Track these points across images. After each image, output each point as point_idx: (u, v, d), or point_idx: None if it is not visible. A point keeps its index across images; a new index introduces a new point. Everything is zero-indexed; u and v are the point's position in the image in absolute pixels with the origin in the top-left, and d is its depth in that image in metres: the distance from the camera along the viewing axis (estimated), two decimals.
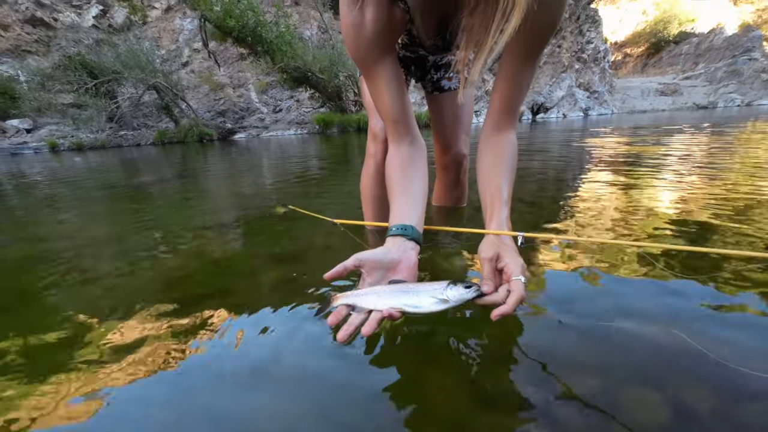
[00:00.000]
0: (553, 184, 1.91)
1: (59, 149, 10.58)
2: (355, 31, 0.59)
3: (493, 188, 0.63)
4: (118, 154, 8.03)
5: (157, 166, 4.78)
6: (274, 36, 11.32)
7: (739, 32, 22.32)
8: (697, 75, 21.53)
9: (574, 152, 3.35)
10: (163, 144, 11.16)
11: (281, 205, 1.53)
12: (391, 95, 0.63)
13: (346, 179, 2.41)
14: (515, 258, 0.55)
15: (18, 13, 13.75)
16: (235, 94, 15.80)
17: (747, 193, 1.45)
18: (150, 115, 13.63)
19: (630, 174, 2.02)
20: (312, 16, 17.72)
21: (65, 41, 14.28)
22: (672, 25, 26.38)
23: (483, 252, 0.58)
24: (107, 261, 1.12)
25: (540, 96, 16.19)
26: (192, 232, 1.32)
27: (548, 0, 0.52)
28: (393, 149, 0.68)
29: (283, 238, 1.20)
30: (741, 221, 1.10)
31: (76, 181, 3.21)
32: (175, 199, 2.12)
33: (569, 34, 16.88)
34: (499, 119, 0.65)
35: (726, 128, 4.91)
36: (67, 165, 5.52)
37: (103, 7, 15.92)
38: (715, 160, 2.30)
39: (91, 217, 1.76)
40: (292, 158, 4.53)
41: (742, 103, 18.21)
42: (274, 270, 0.93)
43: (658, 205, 1.36)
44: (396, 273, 0.56)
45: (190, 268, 0.99)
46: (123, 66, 11.04)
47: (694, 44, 24.01)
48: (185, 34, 16.75)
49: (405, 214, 0.61)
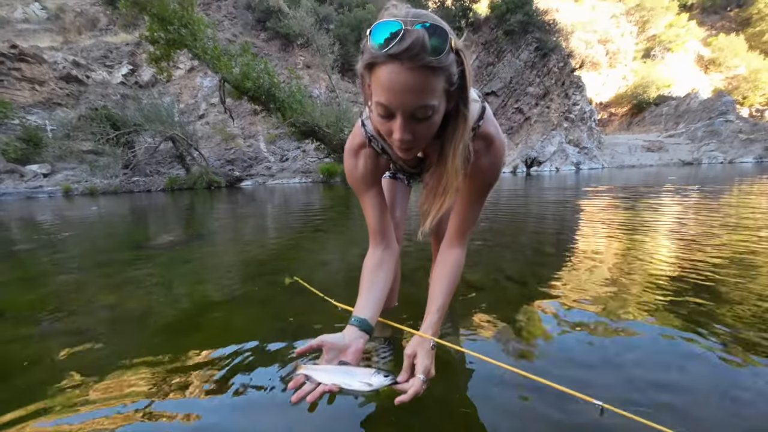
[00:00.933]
0: (540, 256, 2.07)
1: (73, 194, 10.97)
2: (351, 171, 0.85)
3: (433, 297, 0.81)
4: (129, 200, 8.36)
5: (165, 218, 4.99)
6: (286, 95, 12.38)
7: (713, 97, 24.29)
8: (679, 133, 22.96)
9: (567, 225, 3.56)
10: (173, 190, 11.60)
11: (288, 276, 1.63)
12: (374, 213, 0.86)
13: (344, 232, 2.58)
14: (424, 359, 0.70)
15: (55, 72, 15.16)
16: (245, 144, 16.77)
17: (732, 255, 1.61)
18: (163, 162, 14.35)
19: (624, 241, 2.19)
20: (321, 77, 19.49)
21: (94, 95, 15.53)
22: (650, 89, 28.77)
23: (407, 349, 0.74)
24: (125, 337, 1.24)
25: (533, 151, 17.14)
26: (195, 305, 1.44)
27: (486, 173, 0.76)
28: (370, 251, 0.89)
29: (286, 312, 1.33)
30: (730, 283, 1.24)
31: (87, 236, 3.38)
32: (179, 272, 2.26)
33: (556, 97, 18.38)
34: (452, 239, 0.87)
35: (718, 189, 5.22)
36: (78, 214, 5.74)
37: (132, 66, 17.59)
38: (712, 225, 2.49)
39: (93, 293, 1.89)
40: (295, 211, 4.76)
41: (725, 161, 19.18)
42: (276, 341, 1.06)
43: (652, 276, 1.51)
44: (346, 355, 0.72)
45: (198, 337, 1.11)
46: (145, 119, 11.90)
47: (673, 106, 25.94)
48: (204, 90, 18.29)
49: (364, 309, 0.79)
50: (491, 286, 1.49)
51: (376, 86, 0.55)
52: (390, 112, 0.57)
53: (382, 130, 0.62)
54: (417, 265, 1.74)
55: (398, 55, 0.51)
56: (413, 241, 2.15)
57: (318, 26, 18.05)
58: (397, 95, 0.54)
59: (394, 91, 0.53)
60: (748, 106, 29.54)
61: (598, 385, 0.82)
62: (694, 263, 1.67)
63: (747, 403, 0.75)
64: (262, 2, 19.95)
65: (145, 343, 1.12)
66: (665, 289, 1.37)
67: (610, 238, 2.32)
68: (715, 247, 1.96)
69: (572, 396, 0.60)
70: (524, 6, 17.47)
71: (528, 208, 4.14)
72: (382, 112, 0.58)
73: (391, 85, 0.53)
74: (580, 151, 18.12)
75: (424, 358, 0.70)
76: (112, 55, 17.63)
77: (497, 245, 2.26)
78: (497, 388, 0.82)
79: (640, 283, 1.45)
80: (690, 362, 0.90)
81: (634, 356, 0.93)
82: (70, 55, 16.16)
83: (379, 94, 0.55)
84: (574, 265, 1.77)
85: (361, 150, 0.82)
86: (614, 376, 0.85)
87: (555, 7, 25.16)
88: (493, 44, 18.61)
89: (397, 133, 0.57)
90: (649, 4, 37.03)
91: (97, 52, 17.43)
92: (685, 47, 34.65)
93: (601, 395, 0.58)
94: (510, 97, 18.15)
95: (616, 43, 32.84)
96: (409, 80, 0.52)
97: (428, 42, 0.51)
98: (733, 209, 3.38)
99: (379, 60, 0.53)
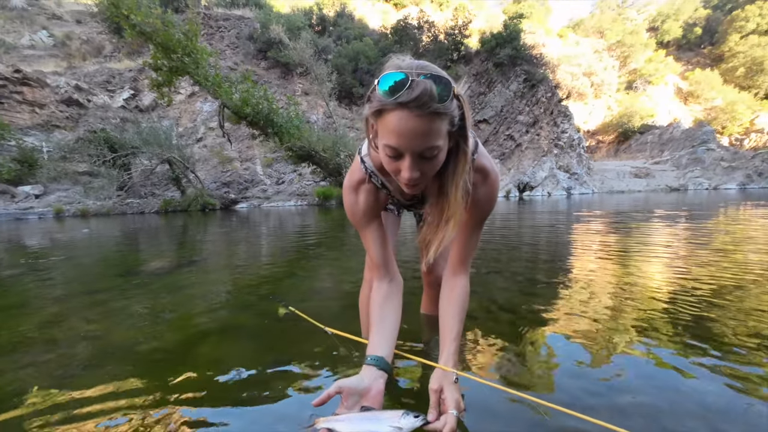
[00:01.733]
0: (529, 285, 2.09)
1: (64, 215, 10.84)
2: (352, 207, 0.86)
3: (446, 327, 0.82)
4: (121, 222, 8.27)
5: (158, 241, 4.94)
6: (284, 120, 12.69)
7: (694, 126, 25.45)
8: (664, 161, 23.78)
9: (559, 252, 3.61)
10: (167, 212, 11.53)
11: (282, 306, 1.60)
12: (376, 247, 0.87)
13: (339, 258, 2.58)
14: (452, 393, 0.70)
15: (56, 95, 15.43)
16: (241, 167, 16.93)
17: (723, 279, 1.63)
18: (158, 184, 14.35)
19: (617, 267, 2.23)
20: (319, 104, 20.11)
21: (93, 118, 15.74)
22: (634, 118, 30.11)
23: (431, 384, 0.73)
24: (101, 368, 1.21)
25: (525, 176, 17.53)
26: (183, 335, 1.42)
27: (483, 203, 0.81)
28: (376, 285, 0.89)
29: (280, 343, 1.31)
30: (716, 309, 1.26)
31: (77, 260, 3.32)
32: (169, 301, 2.23)
33: (546, 125, 19.10)
34: (455, 268, 0.89)
35: (706, 215, 5.36)
36: (69, 237, 5.65)
37: (134, 91, 18.00)
38: (703, 253, 2.54)
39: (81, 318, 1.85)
40: (290, 234, 4.75)
41: (710, 187, 19.78)
42: (277, 379, 1.04)
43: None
44: (367, 399, 0.70)
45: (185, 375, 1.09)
46: (143, 142, 12.03)
47: (657, 135, 27.05)
48: (203, 114, 18.68)
49: (379, 347, 0.78)
50: (483, 316, 1.49)
51: (385, 130, 0.60)
52: (398, 153, 0.62)
53: (389, 169, 0.65)
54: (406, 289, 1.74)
55: (407, 103, 0.56)
56: (402, 269, 2.16)
57: (317, 57, 18.85)
58: (406, 138, 0.58)
59: (403, 135, 0.58)
60: (728, 135, 30.94)
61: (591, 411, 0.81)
62: (686, 290, 1.70)
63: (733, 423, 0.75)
64: (263, 33, 20.90)
65: (128, 377, 1.08)
66: (656, 317, 1.39)
67: (602, 265, 2.36)
68: (705, 273, 2.00)
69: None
70: (512, 41, 18.53)
71: (521, 234, 4.20)
72: (391, 153, 0.62)
73: (400, 130, 0.58)
74: (570, 176, 18.59)
75: (453, 392, 0.70)
76: (114, 80, 18.07)
77: (491, 272, 2.27)
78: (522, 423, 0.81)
79: (631, 312, 1.47)
80: (682, 387, 0.90)
81: (624, 383, 0.93)
82: (73, 79, 16.53)
83: (389, 138, 0.60)
84: (567, 293, 1.78)
85: (361, 186, 0.85)
86: (606, 402, 0.85)
87: (541, 42, 26.75)
88: (484, 75, 19.51)
89: (406, 173, 0.62)
90: (629, 41, 39.56)
91: (100, 78, 17.86)
92: (665, 80, 36.71)
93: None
94: (501, 124, 18.81)
95: (599, 75, 34.66)
96: (417, 125, 0.57)
97: (435, 91, 0.56)
98: (722, 235, 3.47)
99: (388, 107, 0.58)
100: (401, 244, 3.16)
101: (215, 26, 22.22)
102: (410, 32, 21.20)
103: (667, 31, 44.03)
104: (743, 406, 0.85)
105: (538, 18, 33.54)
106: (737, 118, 31.22)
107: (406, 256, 2.72)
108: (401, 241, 3.26)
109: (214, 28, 22.05)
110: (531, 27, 27.36)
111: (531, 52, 19.66)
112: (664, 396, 0.89)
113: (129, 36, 10.69)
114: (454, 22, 20.73)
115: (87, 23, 20.68)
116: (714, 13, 44.94)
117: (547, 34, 34.44)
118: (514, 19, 19.51)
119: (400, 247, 3.09)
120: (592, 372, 1.03)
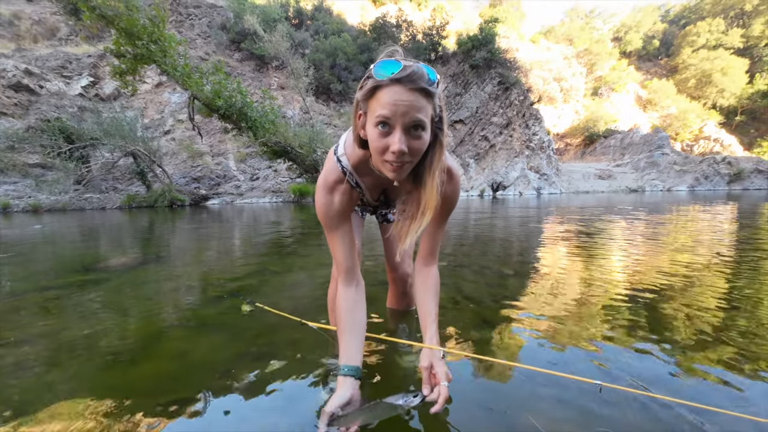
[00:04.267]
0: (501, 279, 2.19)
1: (11, 210, 9.97)
2: (326, 207, 0.88)
3: (425, 310, 0.90)
4: (79, 218, 7.72)
5: (120, 238, 4.69)
6: (258, 115, 12.32)
7: (651, 132, 27.36)
8: (625, 164, 25.40)
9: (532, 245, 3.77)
10: (131, 209, 10.90)
11: (247, 303, 1.54)
12: (344, 251, 0.89)
13: (312, 254, 2.57)
14: (441, 367, 0.78)
15: (2, 79, 14.09)
16: (213, 162, 16.27)
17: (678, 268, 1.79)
18: (121, 179, 13.51)
19: (582, 255, 2.37)
20: (295, 99, 19.68)
21: (47, 106, 14.53)
22: (599, 123, 31.95)
23: (421, 362, 0.82)
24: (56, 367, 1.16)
25: (498, 176, 18.13)
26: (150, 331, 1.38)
27: (449, 199, 0.88)
28: (342, 290, 0.91)
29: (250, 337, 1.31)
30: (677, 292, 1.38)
31: (28, 258, 3.09)
32: (132, 296, 2.14)
33: (518, 127, 19.83)
34: (426, 259, 0.97)
35: (660, 214, 5.80)
36: (18, 233, 5.24)
37: (93, 79, 16.78)
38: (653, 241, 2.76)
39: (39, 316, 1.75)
40: (263, 232, 4.66)
41: (664, 188, 21.40)
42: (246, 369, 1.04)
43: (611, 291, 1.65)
44: (350, 407, 0.74)
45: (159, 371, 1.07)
46: (104, 133, 11.28)
47: (618, 139, 28.83)
48: (171, 106, 17.74)
49: (353, 357, 0.82)
50: (450, 306, 1.56)
51: (378, 105, 0.66)
52: (389, 126, 0.66)
53: (378, 147, 0.69)
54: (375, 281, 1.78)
55: (401, 79, 0.64)
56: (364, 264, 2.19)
57: (293, 50, 18.44)
58: (398, 109, 0.65)
59: (396, 105, 0.64)
60: (680, 141, 33.56)
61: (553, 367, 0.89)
62: (644, 284, 1.85)
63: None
64: (236, 24, 20.14)
65: (89, 374, 1.04)
66: (615, 307, 1.51)
67: (567, 260, 2.51)
68: (662, 267, 2.19)
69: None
70: (488, 44, 19.05)
71: (493, 230, 4.36)
72: (382, 127, 0.67)
73: (394, 101, 0.64)
74: (540, 177, 19.44)
75: (441, 366, 0.78)
76: (71, 66, 16.75)
77: (459, 265, 2.36)
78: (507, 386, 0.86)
79: (594, 301, 1.59)
80: (644, 373, 1.00)
81: (585, 369, 1.02)
82: (23, 63, 15.15)
83: (382, 110, 0.65)
84: (533, 285, 1.89)
85: (337, 185, 0.87)
86: (562, 367, 0.93)
87: (515, 46, 27.65)
88: (460, 76, 19.94)
89: (396, 145, 0.66)
90: (595, 49, 41.82)
91: (54, 62, 16.49)
92: (627, 88, 39.18)
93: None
94: (476, 125, 19.32)
95: (569, 81, 36.41)
96: (409, 98, 0.64)
97: (426, 72, 0.65)
98: (674, 233, 3.79)
99: (383, 84, 0.65)
100: (369, 242, 3.19)
101: (185, 13, 21.13)
102: (389, 30, 21.23)
103: (629, 42, 47.00)
104: (665, 373, 0.96)
105: (512, 23, 34.67)
106: (688, 126, 33.95)
107: (370, 257, 2.76)
108: (369, 239, 3.30)
109: (183, 15, 20.97)
110: (505, 31, 28.24)
111: (505, 55, 20.31)
112: (611, 363, 0.99)
113: (87, 19, 9.95)
114: (432, 22, 21.00)
115: (39, 2, 18.97)
116: (670, 27, 48.49)
117: (521, 39, 35.70)
118: (490, 23, 20.07)
119: (368, 245, 3.13)
120: (551, 349, 1.11)
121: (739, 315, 1.40)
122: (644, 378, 0.96)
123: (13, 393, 0.95)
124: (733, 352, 1.10)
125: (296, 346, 1.17)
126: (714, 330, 1.26)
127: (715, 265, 2.21)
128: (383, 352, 1.13)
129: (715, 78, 37.40)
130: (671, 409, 0.82)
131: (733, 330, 1.26)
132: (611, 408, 0.83)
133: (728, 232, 3.88)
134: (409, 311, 1.43)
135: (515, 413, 0.82)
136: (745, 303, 1.53)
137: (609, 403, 0.85)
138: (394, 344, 1.14)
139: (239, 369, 1.04)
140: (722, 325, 1.30)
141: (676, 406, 0.82)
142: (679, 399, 0.81)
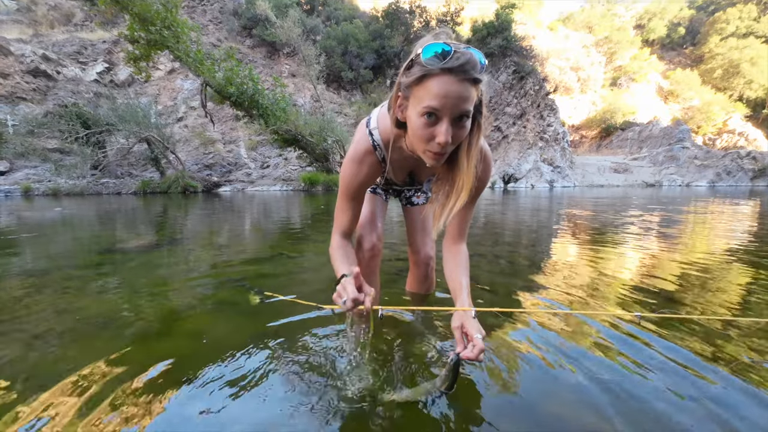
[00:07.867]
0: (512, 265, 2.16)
1: (33, 194, 10.29)
2: (352, 176, 0.91)
3: (456, 282, 0.92)
4: (96, 202, 7.92)
5: (136, 222, 4.79)
6: (269, 102, 12.30)
7: (672, 125, 26.38)
8: (642, 157, 24.63)
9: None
10: (145, 194, 11.12)
11: (255, 293, 1.52)
12: (350, 217, 0.94)
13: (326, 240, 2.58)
14: (473, 324, 0.79)
15: (22, 65, 14.36)
16: (225, 149, 16.40)
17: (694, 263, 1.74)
18: (136, 165, 13.76)
19: (599, 248, 2.32)
20: (306, 87, 19.56)
21: (64, 92, 14.80)
22: (617, 114, 30.87)
23: (453, 323, 0.83)
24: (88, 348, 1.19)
25: (510, 168, 17.82)
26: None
27: (481, 180, 0.86)
28: (337, 239, 0.96)
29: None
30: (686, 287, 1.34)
31: (50, 238, 3.17)
32: (149, 277, 2.18)
33: (532, 118, 19.34)
34: (455, 238, 0.98)
35: (678, 209, 5.62)
36: (40, 216, 5.40)
37: (108, 65, 16.97)
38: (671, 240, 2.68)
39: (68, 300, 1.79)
40: (275, 217, 4.69)
41: (683, 184, 20.72)
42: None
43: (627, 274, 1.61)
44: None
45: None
46: (119, 119, 11.44)
47: (637, 132, 27.90)
48: (184, 93, 17.86)
49: (347, 269, 0.84)
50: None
51: (428, 95, 0.64)
52: (437, 117, 0.65)
53: (422, 135, 0.68)
54: (393, 270, 1.77)
55: (452, 69, 0.62)
56: (389, 249, 2.18)
57: (305, 37, 18.23)
58: (448, 101, 0.63)
59: (446, 97, 0.63)
60: (702, 134, 32.27)
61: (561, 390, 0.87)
62: (656, 279, 1.80)
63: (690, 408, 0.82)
64: (248, 9, 19.96)
65: (109, 348, 1.06)
66: (628, 299, 1.47)
67: (579, 252, 2.46)
68: (675, 262, 2.12)
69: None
70: (504, 31, 18.47)
71: (504, 222, 4.30)
72: (429, 118, 0.65)
73: (444, 92, 0.62)
74: (553, 169, 19.03)
75: (473, 323, 0.79)
76: (86, 52, 16.96)
77: (472, 255, 2.33)
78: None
79: (606, 294, 1.55)
80: (651, 371, 0.97)
81: (592, 363, 1.00)
82: (40, 48, 15.40)
83: (431, 100, 0.64)
84: (546, 275, 1.86)
85: (366, 157, 0.89)
86: (576, 378, 0.91)
87: (532, 34, 26.76)
88: None
89: (442, 137, 0.65)
90: (616, 37, 40.14)
91: (71, 48, 16.72)
92: (647, 78, 37.63)
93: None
94: (490, 115, 18.91)
95: (586, 70, 35.16)
96: (460, 90, 0.63)
97: (478, 60, 0.63)
98: (691, 229, 3.66)
99: (433, 72, 0.63)
100: (388, 231, 3.18)
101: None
102: (402, 17, 20.77)
103: (653, 30, 44.89)
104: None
105: (529, 9, 33.43)
106: (712, 119, 32.54)
107: (390, 242, 2.75)
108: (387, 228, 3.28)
109: (195, 1, 20.90)
110: (522, 18, 27.27)
111: (521, 43, 19.69)
112: (623, 348, 0.96)
113: (102, 4, 10.00)
114: (446, 8, 20.44)
115: None
116: (698, 14, 46.05)
117: (538, 26, 34.48)
118: (506, 9, 19.41)
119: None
120: (556, 333, 1.09)
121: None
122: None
123: (31, 363, 0.98)
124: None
125: (311, 327, 1.17)
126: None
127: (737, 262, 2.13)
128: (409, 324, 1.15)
129: (744, 68, 35.53)
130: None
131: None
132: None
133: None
134: (428, 294, 1.42)
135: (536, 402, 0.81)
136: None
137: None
138: (417, 316, 1.14)
139: (256, 349, 1.04)
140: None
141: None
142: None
